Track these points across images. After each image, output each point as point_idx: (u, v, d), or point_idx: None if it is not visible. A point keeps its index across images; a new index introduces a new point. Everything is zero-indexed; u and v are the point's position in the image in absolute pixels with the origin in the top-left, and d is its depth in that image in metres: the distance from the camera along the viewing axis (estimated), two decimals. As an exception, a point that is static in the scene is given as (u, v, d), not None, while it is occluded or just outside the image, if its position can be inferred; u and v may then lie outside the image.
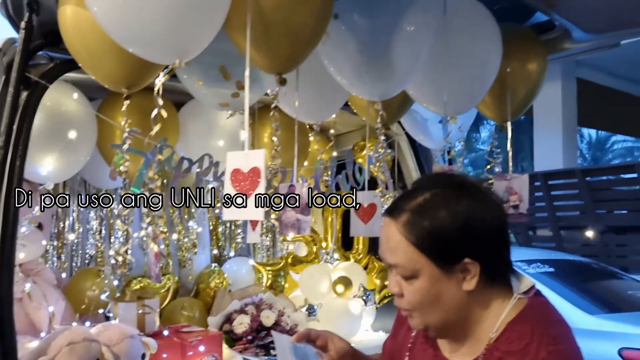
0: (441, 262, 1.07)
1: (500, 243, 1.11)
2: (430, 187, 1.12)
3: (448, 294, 1.09)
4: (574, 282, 3.86)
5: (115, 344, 1.80)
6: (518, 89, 2.03)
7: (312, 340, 1.27)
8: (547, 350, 1.02)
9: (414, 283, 1.09)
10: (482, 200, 1.10)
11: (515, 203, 1.92)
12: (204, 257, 2.81)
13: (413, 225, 1.08)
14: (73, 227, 2.45)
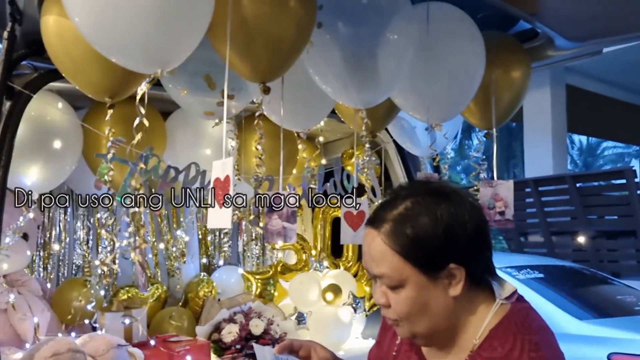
0: (427, 269, 1.08)
1: (483, 246, 1.13)
2: (409, 195, 1.13)
3: (435, 301, 1.09)
4: (564, 288, 3.88)
5: (101, 354, 1.80)
6: (502, 96, 2.04)
7: (295, 350, 1.27)
8: (530, 356, 1.03)
9: (400, 292, 1.10)
10: (461, 204, 1.11)
11: (501, 209, 1.93)
12: (193, 266, 2.80)
13: (396, 234, 1.08)
14: (59, 238, 2.44)
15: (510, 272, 3.79)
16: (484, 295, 1.13)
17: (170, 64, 1.25)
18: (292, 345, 1.28)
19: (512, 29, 2.14)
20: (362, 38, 1.64)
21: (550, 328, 1.15)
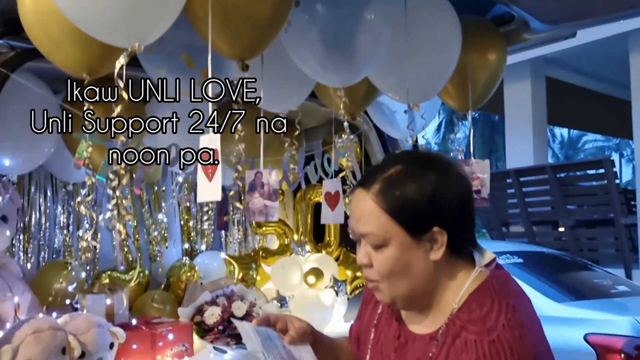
0: (411, 230, 1.11)
1: (466, 215, 1.16)
2: (400, 161, 1.17)
3: (416, 263, 1.13)
4: (542, 272, 3.95)
5: (82, 333, 1.80)
6: (478, 79, 2.09)
7: (272, 324, 1.30)
8: (506, 318, 1.06)
9: (384, 251, 1.13)
10: (449, 173, 1.15)
11: (477, 188, 1.97)
12: (175, 251, 2.82)
13: (385, 194, 1.12)
14: (40, 222, 2.44)
15: (490, 258, 3.85)
16: (464, 263, 1.16)
17: (148, 37, 1.26)
18: (269, 319, 1.30)
19: (489, 13, 2.19)
20: (339, 18, 1.67)
21: (526, 294, 1.18)
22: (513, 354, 1.03)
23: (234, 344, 2.23)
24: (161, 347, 2.07)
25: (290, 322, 1.30)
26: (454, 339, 1.10)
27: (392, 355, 1.21)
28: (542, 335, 1.13)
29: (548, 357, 1.12)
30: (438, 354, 1.11)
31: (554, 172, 7.89)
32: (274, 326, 1.29)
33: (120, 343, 1.92)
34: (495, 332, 1.05)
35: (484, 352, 1.04)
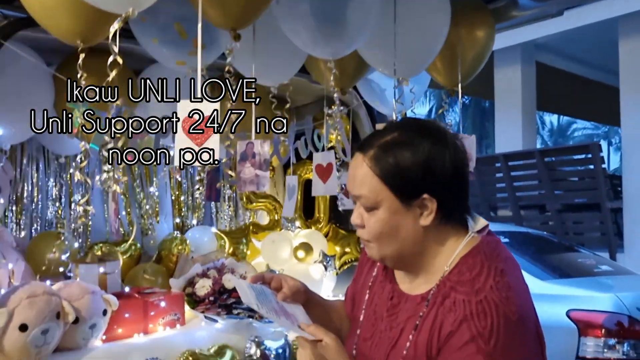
0: (401, 196, 1.16)
1: (459, 185, 1.20)
2: (398, 128, 1.21)
3: (405, 227, 1.17)
4: (528, 252, 4.03)
5: (76, 299, 1.83)
6: (466, 55, 2.12)
7: (267, 282, 1.34)
8: (495, 280, 1.11)
9: (375, 214, 1.18)
10: (444, 143, 1.18)
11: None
12: (167, 225, 2.85)
13: (380, 160, 1.16)
14: (32, 194, 2.46)
15: (477, 237, 3.92)
16: (455, 229, 1.21)
17: (142, 3, 1.28)
18: (264, 277, 1.34)
19: (478, -11, 2.22)
20: (330, -10, 1.69)
21: (516, 260, 1.23)
22: (499, 314, 1.07)
23: (225, 314, 2.28)
24: (153, 315, 2.11)
25: (284, 280, 1.34)
26: (443, 299, 1.14)
27: (385, 315, 1.25)
28: (529, 299, 1.18)
29: (533, 320, 1.16)
30: (428, 313, 1.16)
31: (542, 156, 7.97)
32: (268, 284, 1.33)
33: (114, 310, 1.96)
34: (483, 293, 1.10)
35: (471, 311, 1.09)
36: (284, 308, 1.31)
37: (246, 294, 1.28)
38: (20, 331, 1.64)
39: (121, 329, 2.01)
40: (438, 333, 1.12)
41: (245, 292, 1.29)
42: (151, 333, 2.07)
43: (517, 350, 1.09)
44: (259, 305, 1.26)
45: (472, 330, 1.08)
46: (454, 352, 1.09)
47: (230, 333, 2.15)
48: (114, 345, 1.94)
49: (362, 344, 1.29)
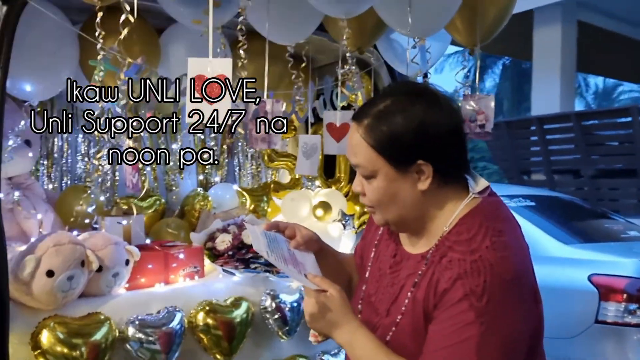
0: (396, 163, 1.18)
1: (454, 147, 1.21)
2: (391, 94, 1.23)
3: (403, 193, 1.20)
4: (553, 215, 3.99)
5: (100, 249, 1.94)
6: (488, 13, 2.08)
7: (281, 230, 1.39)
8: (491, 240, 1.13)
9: (373, 182, 1.21)
10: (437, 106, 1.19)
11: (482, 122, 2.01)
12: (190, 182, 2.93)
13: (373, 129, 1.18)
14: (62, 149, 2.56)
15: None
16: (457, 191, 1.22)
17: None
18: (278, 225, 1.39)
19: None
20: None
21: (517, 221, 1.24)
22: (493, 273, 1.10)
23: (242, 268, 2.36)
24: (174, 267, 2.21)
25: (298, 229, 1.39)
26: (441, 257, 1.17)
27: (388, 272, 1.30)
28: (527, 259, 1.19)
29: (530, 281, 1.17)
30: (426, 271, 1.19)
31: (579, 119, 7.77)
32: (282, 232, 1.38)
33: (136, 261, 2.06)
34: (478, 253, 1.12)
35: (465, 269, 1.11)
36: (295, 257, 1.34)
37: (258, 240, 1.31)
38: (47, 277, 1.75)
39: (144, 279, 2.12)
40: (434, 290, 1.16)
41: (258, 239, 1.32)
42: (172, 283, 2.18)
43: (509, 309, 1.11)
44: (269, 252, 1.29)
45: (465, 288, 1.10)
46: (448, 309, 1.13)
47: (246, 286, 2.24)
48: (136, 294, 2.05)
49: (367, 299, 1.34)
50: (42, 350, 1.71)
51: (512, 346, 1.11)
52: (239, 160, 3.15)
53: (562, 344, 3.17)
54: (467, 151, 1.25)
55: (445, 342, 1.11)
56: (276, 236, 1.37)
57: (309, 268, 1.32)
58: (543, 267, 3.28)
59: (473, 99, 2.03)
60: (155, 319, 1.94)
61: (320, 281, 1.25)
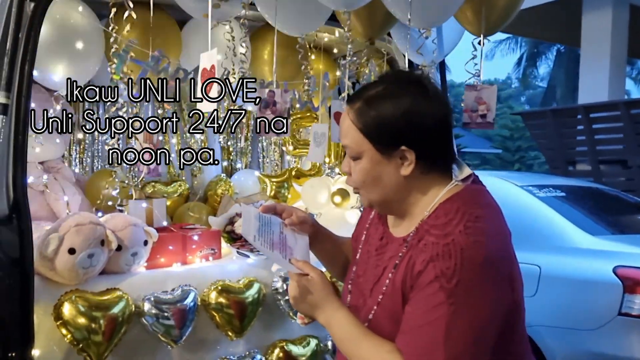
0: (381, 147, 1.23)
1: (439, 137, 1.25)
2: (384, 81, 1.28)
3: (387, 176, 1.25)
4: (583, 206, 3.91)
5: (119, 229, 2.07)
6: (497, 2, 2.08)
7: (278, 213, 1.46)
8: (466, 225, 1.16)
9: (359, 163, 1.27)
10: (425, 96, 1.23)
11: (484, 112, 2.02)
12: (215, 168, 3.05)
13: (362, 113, 1.24)
14: (93, 134, 2.72)
15: (530, 190, 3.84)
16: (441, 178, 1.27)
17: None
18: (275, 208, 1.47)
19: None
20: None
21: (499, 209, 1.26)
22: (464, 256, 1.13)
23: (257, 251, 2.46)
24: (191, 248, 2.33)
25: (294, 211, 1.47)
26: (418, 241, 1.22)
27: (374, 253, 1.36)
28: (502, 246, 1.21)
29: (505, 265, 1.20)
30: (405, 254, 1.24)
31: (628, 108, 7.48)
32: (279, 214, 1.45)
33: (154, 242, 2.19)
34: (451, 236, 1.15)
35: (437, 252, 1.15)
36: (285, 240, 1.40)
37: (249, 223, 1.36)
38: (69, 254, 1.89)
39: (163, 259, 2.25)
40: (411, 272, 1.20)
41: (249, 222, 1.37)
42: (189, 264, 2.30)
43: (479, 292, 1.14)
44: (257, 236, 1.35)
45: (436, 270, 1.14)
46: (421, 290, 1.17)
47: (259, 268, 2.34)
48: (154, 272, 2.18)
49: (356, 280, 1.40)
50: (63, 320, 1.86)
51: (480, 328, 1.14)
52: (263, 147, 3.25)
53: (585, 335, 3.15)
54: (452, 142, 1.30)
55: (417, 321, 1.16)
56: (271, 218, 1.42)
57: (297, 251, 1.39)
58: (568, 258, 3.31)
59: (475, 89, 2.04)
60: (170, 296, 2.07)
61: (302, 265, 1.32)
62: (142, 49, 2.06)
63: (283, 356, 2.28)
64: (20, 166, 1.81)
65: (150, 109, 2.80)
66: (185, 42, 2.50)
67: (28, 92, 1.82)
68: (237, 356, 2.21)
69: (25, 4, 1.83)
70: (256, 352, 2.26)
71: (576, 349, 3.19)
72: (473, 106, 2.01)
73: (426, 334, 1.14)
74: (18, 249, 1.76)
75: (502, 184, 3.99)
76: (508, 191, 3.92)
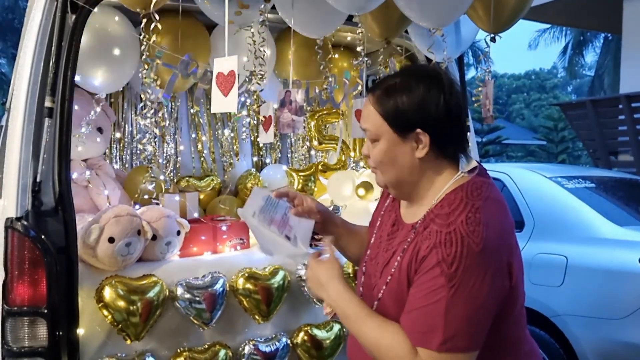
0: (398, 129, 1.35)
1: (451, 124, 1.36)
2: (402, 74, 1.41)
3: (402, 157, 1.37)
4: (611, 197, 3.89)
5: (154, 220, 2.25)
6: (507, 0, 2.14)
7: (290, 199, 1.60)
8: (467, 216, 1.26)
9: (377, 145, 1.39)
10: (439, 87, 1.35)
11: (488, 107, 2.09)
12: (245, 163, 3.22)
13: (382, 100, 1.37)
14: (132, 134, 2.92)
15: (559, 182, 3.85)
16: (450, 167, 1.38)
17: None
18: (288, 194, 1.60)
19: None
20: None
21: (503, 201, 1.37)
22: (463, 244, 1.23)
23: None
24: (223, 239, 2.50)
25: (305, 199, 1.60)
26: (424, 228, 1.33)
27: (386, 238, 1.47)
28: (502, 236, 1.29)
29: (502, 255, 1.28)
30: (413, 240, 1.35)
31: (670, 97, 7.29)
32: (292, 200, 1.59)
33: (187, 232, 2.37)
34: (453, 226, 1.26)
35: (439, 239, 1.26)
36: (287, 220, 1.52)
37: (253, 202, 1.48)
38: (109, 242, 2.08)
39: (195, 248, 2.43)
40: (416, 256, 1.31)
41: (253, 201, 1.49)
42: (219, 253, 2.47)
43: (476, 277, 1.23)
44: (256, 212, 1.47)
45: (438, 256, 1.25)
46: (423, 274, 1.28)
47: (284, 257, 2.48)
48: (187, 260, 2.36)
49: (369, 263, 1.51)
50: (104, 303, 2.05)
51: (476, 310, 1.24)
52: (292, 143, 3.39)
53: (611, 324, 3.17)
54: (464, 131, 1.40)
55: (419, 303, 1.26)
56: (279, 203, 1.54)
57: (299, 232, 1.51)
58: (594, 249, 3.33)
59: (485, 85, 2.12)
60: (201, 282, 2.24)
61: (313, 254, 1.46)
62: (173, 54, 2.22)
63: (308, 339, 2.42)
64: (65, 163, 2.00)
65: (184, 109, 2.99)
66: (214, 46, 2.66)
67: (71, 96, 2.01)
68: (264, 338, 2.36)
69: (67, 16, 2.01)
70: (282, 334, 2.40)
71: (602, 338, 3.21)
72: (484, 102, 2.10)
73: (427, 315, 1.24)
74: (63, 238, 1.95)
75: (532, 176, 4.02)
76: (537, 183, 3.94)
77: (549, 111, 22.87)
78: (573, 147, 22.65)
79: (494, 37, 2.23)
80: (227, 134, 3.04)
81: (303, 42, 2.66)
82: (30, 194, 1.91)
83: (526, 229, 3.68)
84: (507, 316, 1.34)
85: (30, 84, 1.95)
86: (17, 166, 1.91)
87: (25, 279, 1.89)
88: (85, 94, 2.47)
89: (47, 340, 1.90)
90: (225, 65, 1.65)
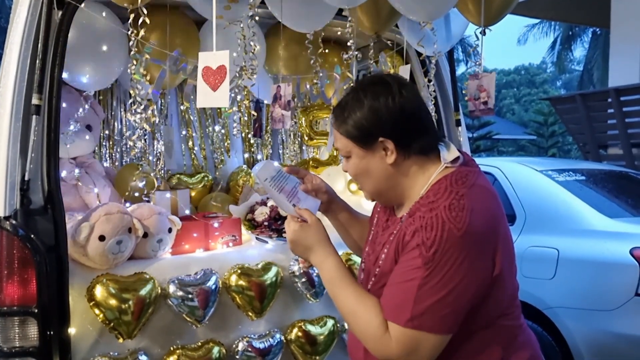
0: (362, 144, 1.40)
1: (409, 123, 1.38)
2: (351, 91, 1.46)
3: (375, 168, 1.41)
4: (601, 189, 3.92)
5: (145, 218, 2.24)
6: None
7: (301, 177, 1.65)
8: (450, 202, 1.28)
9: (350, 161, 1.45)
10: (389, 92, 1.38)
11: (485, 99, 2.10)
12: (237, 160, 3.20)
13: (340, 121, 1.43)
14: (121, 132, 2.90)
15: (550, 175, 3.87)
16: (431, 161, 1.40)
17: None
18: (299, 171, 1.64)
19: None
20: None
21: (490, 188, 1.38)
22: (444, 228, 1.25)
23: (275, 237, 2.60)
24: (215, 235, 2.49)
25: (314, 178, 1.65)
26: (410, 216, 1.36)
27: (380, 232, 1.51)
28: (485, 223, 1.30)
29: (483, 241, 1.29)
30: (400, 229, 1.38)
31: (659, 90, 7.34)
32: (302, 178, 1.63)
33: (178, 229, 2.35)
34: (436, 211, 1.29)
35: (422, 223, 1.29)
36: (297, 195, 1.57)
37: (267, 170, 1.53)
38: (100, 241, 2.06)
39: (187, 245, 2.41)
40: (402, 241, 1.34)
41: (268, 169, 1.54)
42: (211, 250, 2.45)
43: (453, 261, 1.25)
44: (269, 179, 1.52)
45: (418, 239, 1.28)
46: (405, 254, 1.32)
47: (277, 253, 2.48)
48: (179, 257, 2.34)
49: (367, 258, 1.54)
50: (96, 302, 2.03)
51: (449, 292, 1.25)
52: (283, 139, 3.38)
53: (602, 316, 3.19)
54: (427, 127, 1.42)
55: (396, 279, 1.31)
56: (291, 177, 1.59)
57: (304, 205, 1.53)
58: (585, 241, 3.35)
59: (477, 78, 2.12)
60: (193, 279, 2.22)
61: (303, 212, 1.50)
62: (162, 50, 2.20)
63: (302, 335, 2.42)
64: (53, 161, 1.98)
65: (174, 105, 2.97)
66: (203, 41, 2.64)
67: (58, 93, 1.99)
68: (257, 335, 2.35)
69: (54, 12, 1.99)
70: (276, 331, 2.40)
71: (594, 329, 3.23)
72: (475, 94, 2.10)
73: (400, 291, 1.29)
74: (53, 236, 1.93)
75: (523, 170, 4.04)
76: (528, 176, 3.96)
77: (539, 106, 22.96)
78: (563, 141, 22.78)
79: (484, 30, 2.22)
80: (217, 130, 3.03)
81: (293, 37, 2.65)
82: (18, 193, 1.89)
83: (517, 222, 3.70)
84: (495, 305, 1.35)
85: (17, 81, 1.93)
86: (5, 164, 1.89)
87: (15, 278, 1.87)
88: (73, 91, 2.44)
89: (38, 340, 1.88)
90: (215, 59, 1.63)
